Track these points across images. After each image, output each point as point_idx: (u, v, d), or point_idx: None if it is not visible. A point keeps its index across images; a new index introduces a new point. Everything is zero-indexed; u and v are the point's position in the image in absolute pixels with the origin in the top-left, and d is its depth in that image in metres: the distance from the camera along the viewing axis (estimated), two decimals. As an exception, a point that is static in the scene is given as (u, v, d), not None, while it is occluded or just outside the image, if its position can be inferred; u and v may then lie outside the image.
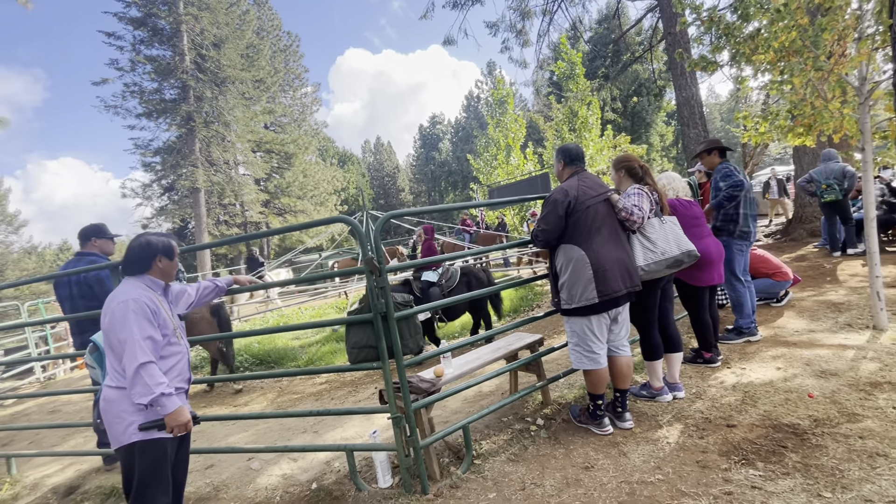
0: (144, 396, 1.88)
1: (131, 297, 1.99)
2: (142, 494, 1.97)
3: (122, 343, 1.92)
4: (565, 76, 17.75)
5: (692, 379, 3.41)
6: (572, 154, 2.94)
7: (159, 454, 2.01)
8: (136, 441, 1.97)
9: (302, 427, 3.80)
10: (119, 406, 1.98)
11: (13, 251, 32.88)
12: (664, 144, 35.16)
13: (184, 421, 1.99)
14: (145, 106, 22.18)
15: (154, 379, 1.90)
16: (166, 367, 2.06)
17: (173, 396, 1.97)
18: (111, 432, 2.00)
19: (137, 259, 2.13)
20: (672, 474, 2.31)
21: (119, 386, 1.98)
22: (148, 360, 1.91)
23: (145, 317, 1.98)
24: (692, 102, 9.10)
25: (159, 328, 2.05)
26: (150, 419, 1.96)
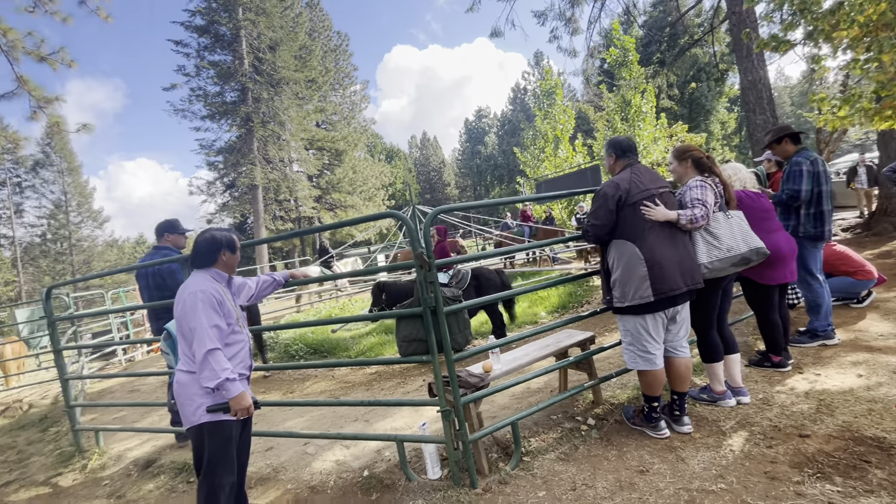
0: (211, 381, 2.03)
1: (200, 289, 2.14)
2: (211, 472, 2.13)
3: (192, 331, 2.07)
4: (617, 63, 16.98)
5: (758, 384, 3.19)
6: (623, 146, 2.81)
7: (225, 435, 2.16)
8: (204, 422, 2.12)
9: (353, 415, 3.93)
10: (190, 389, 2.14)
11: (98, 244, 36.34)
12: (726, 132, 32.94)
13: (246, 405, 2.12)
14: (209, 108, 23.66)
15: (220, 364, 2.04)
16: (230, 353, 2.20)
17: (237, 381, 2.10)
18: (183, 413, 2.17)
19: (204, 253, 2.28)
20: (736, 484, 2.18)
21: (190, 370, 2.14)
22: (215, 347, 2.05)
23: (212, 307, 2.13)
24: (759, 86, 8.44)
25: (224, 317, 2.19)
26: (217, 402, 2.10)
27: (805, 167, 3.52)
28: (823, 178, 3.55)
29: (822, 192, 3.56)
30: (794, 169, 3.57)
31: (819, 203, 3.56)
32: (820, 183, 3.54)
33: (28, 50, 11.09)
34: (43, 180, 33.96)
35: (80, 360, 6.46)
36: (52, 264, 33.36)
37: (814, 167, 3.52)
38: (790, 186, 3.56)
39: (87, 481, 3.58)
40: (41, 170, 33.80)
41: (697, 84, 28.82)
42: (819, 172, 3.53)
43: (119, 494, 3.25)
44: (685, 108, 30.33)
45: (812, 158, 3.55)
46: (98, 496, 3.29)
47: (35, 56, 11.28)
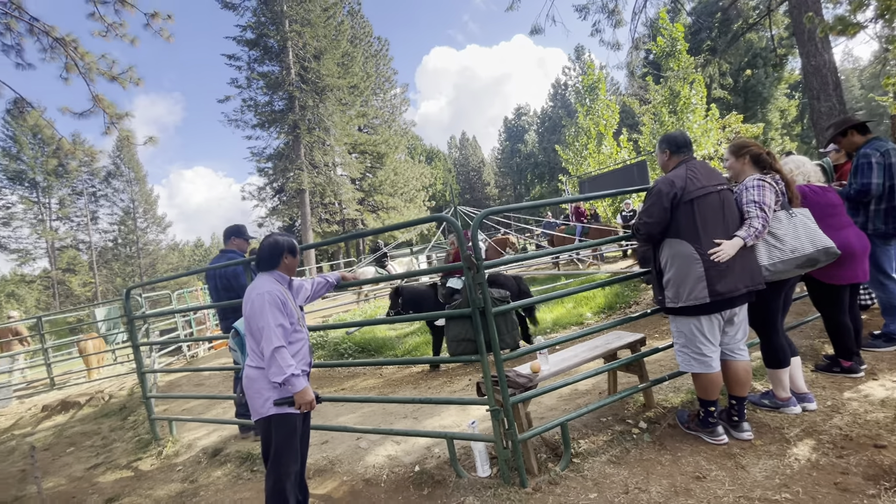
0: (278, 376, 2.18)
1: (266, 290, 2.30)
2: (278, 461, 2.29)
3: (261, 329, 2.23)
4: (665, 54, 16.33)
5: (826, 390, 3.00)
6: (678, 141, 2.73)
7: (290, 427, 2.32)
8: (272, 414, 2.28)
9: (402, 413, 4.05)
10: (258, 384, 2.30)
11: (162, 248, 39.14)
12: (786, 121, 30.79)
13: (309, 399, 2.27)
14: (259, 117, 24.91)
15: (286, 361, 2.20)
16: (293, 351, 2.35)
17: (301, 377, 2.25)
18: (252, 406, 2.34)
19: (268, 257, 2.45)
20: (803, 494, 2.08)
21: (258, 366, 2.30)
22: (281, 345, 2.21)
23: (277, 307, 2.28)
24: (824, 71, 7.85)
25: (288, 317, 2.34)
26: (283, 396, 2.25)
27: (875, 159, 3.26)
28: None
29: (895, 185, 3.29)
30: (863, 161, 3.32)
31: (891, 198, 3.29)
32: (892, 176, 3.27)
33: (101, 71, 12.15)
34: (114, 189, 36.99)
35: (151, 356, 7.02)
36: (123, 267, 36.26)
37: (885, 159, 3.26)
38: (859, 181, 3.32)
39: (162, 466, 3.91)
40: (112, 180, 36.83)
41: (753, 71, 27.10)
42: (892, 164, 3.26)
43: (192, 479, 3.53)
44: (739, 97, 28.63)
45: (884, 149, 3.28)
46: (173, 480, 3.59)
47: (107, 76, 12.34)
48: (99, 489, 3.70)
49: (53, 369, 8.45)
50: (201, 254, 52.57)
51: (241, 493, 3.16)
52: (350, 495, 2.83)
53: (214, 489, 3.28)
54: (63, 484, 3.95)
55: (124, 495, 3.48)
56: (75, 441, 5.11)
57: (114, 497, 3.47)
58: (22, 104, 11.97)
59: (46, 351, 8.43)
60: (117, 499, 3.43)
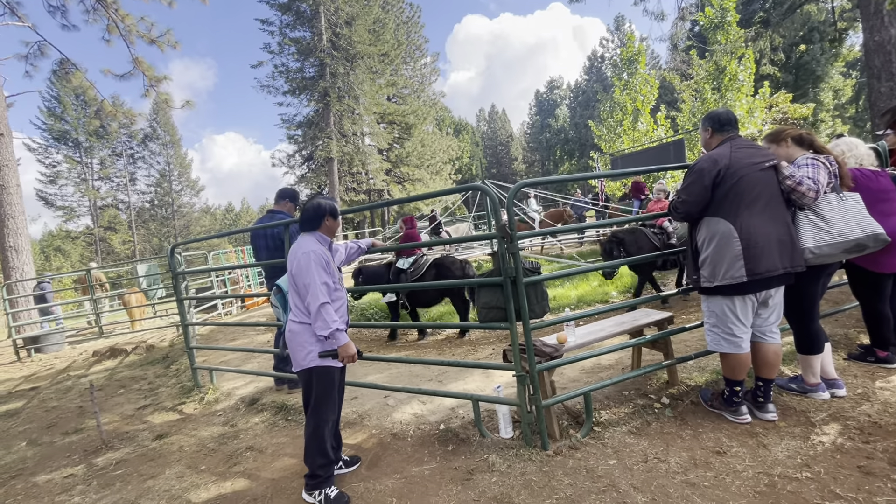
0: (324, 330, 2.32)
1: (312, 249, 2.41)
2: (318, 409, 2.46)
3: (307, 287, 2.35)
4: (713, 26, 15.41)
5: (858, 378, 2.97)
6: (722, 119, 2.67)
7: (331, 379, 2.47)
8: (314, 366, 2.43)
9: (428, 376, 4.22)
10: (302, 337, 2.44)
11: (195, 210, 40.44)
12: (839, 102, 28.83)
13: (352, 353, 2.40)
14: (290, 84, 25.00)
15: (331, 316, 2.33)
16: (334, 308, 2.46)
17: (344, 332, 2.39)
18: (294, 357, 2.50)
19: (311, 218, 2.55)
20: (824, 475, 2.11)
21: (302, 321, 2.44)
22: (326, 301, 2.33)
23: (322, 266, 2.40)
24: (888, 47, 7.32)
25: (330, 276, 2.46)
26: (327, 349, 2.39)
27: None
28: None
29: None
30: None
31: None
32: None
33: (141, 33, 12.37)
34: (151, 152, 38.18)
35: (190, 311, 7.43)
36: (159, 227, 37.79)
37: None
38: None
39: (205, 411, 4.21)
40: (150, 142, 37.96)
41: (808, 46, 25.26)
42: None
43: (231, 424, 3.80)
44: (790, 75, 26.86)
45: None
46: (215, 423, 3.88)
47: (146, 39, 12.56)
48: (149, 426, 4.03)
49: (101, 319, 9.05)
50: (232, 218, 54.12)
51: (277, 437, 3.40)
52: (378, 446, 3.01)
53: (253, 433, 3.54)
54: (116, 420, 4.31)
55: (172, 433, 3.79)
56: (125, 384, 5.53)
57: (163, 434, 3.78)
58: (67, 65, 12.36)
59: (95, 302, 9.01)
60: (166, 436, 3.74)
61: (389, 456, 2.88)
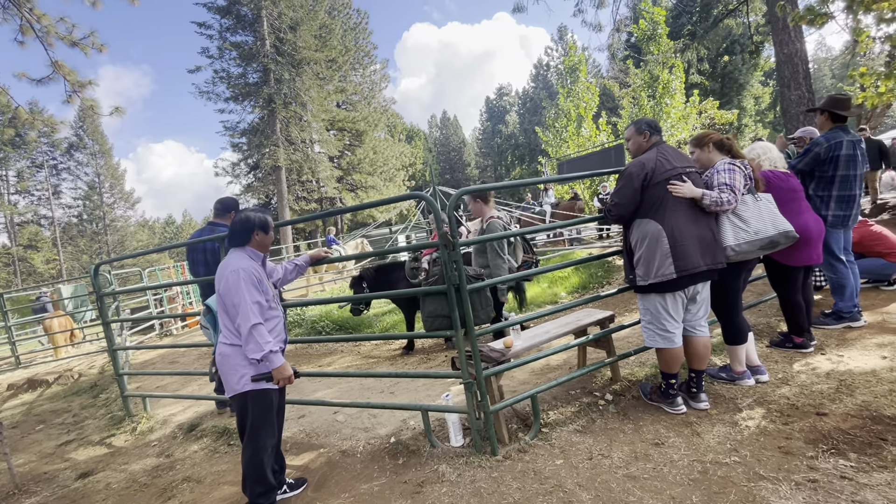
0: (257, 353, 2.19)
1: (241, 267, 2.28)
2: (254, 435, 2.33)
3: (236, 306, 2.22)
4: (646, 37, 16.40)
5: (778, 364, 3.21)
6: (649, 126, 2.82)
7: (267, 402, 2.35)
8: (248, 390, 2.30)
9: (379, 388, 4.13)
10: (233, 360, 2.30)
11: (130, 224, 37.77)
12: (759, 108, 31.50)
13: (287, 374, 2.29)
14: (232, 90, 24.00)
15: (263, 338, 2.20)
16: (268, 328, 2.34)
17: (279, 353, 2.27)
18: (226, 382, 2.35)
19: (240, 232, 2.42)
20: (750, 458, 2.25)
21: (233, 343, 2.30)
22: (258, 322, 2.20)
23: (253, 284, 2.27)
24: (795, 60, 8.07)
25: (263, 294, 2.34)
26: (261, 372, 2.27)
27: (817, 150, 3.47)
28: (852, 163, 3.44)
29: (850, 176, 3.46)
30: (809, 146, 3.57)
31: (844, 187, 3.47)
32: (849, 167, 3.44)
33: (60, 35, 11.43)
34: (77, 163, 35.31)
35: (122, 334, 6.88)
36: (89, 244, 34.92)
37: (828, 153, 3.44)
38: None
39: (137, 442, 3.90)
40: (75, 152, 35.09)
41: (730, 57, 27.45)
42: (839, 156, 3.43)
43: (167, 454, 3.54)
44: (717, 83, 29.05)
45: (835, 141, 3.44)
46: (149, 455, 3.59)
47: (67, 41, 11.61)
48: (72, 464, 3.67)
49: (18, 348, 8.20)
50: (172, 231, 51.06)
51: (217, 465, 3.20)
52: (326, 465, 2.90)
53: (191, 463, 3.31)
54: (34, 460, 3.90)
55: (99, 470, 3.47)
56: (45, 419, 5.02)
57: (88, 472, 3.46)
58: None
59: (10, 329, 8.15)
60: (92, 473, 3.42)
61: (338, 474, 2.78)
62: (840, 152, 3.42)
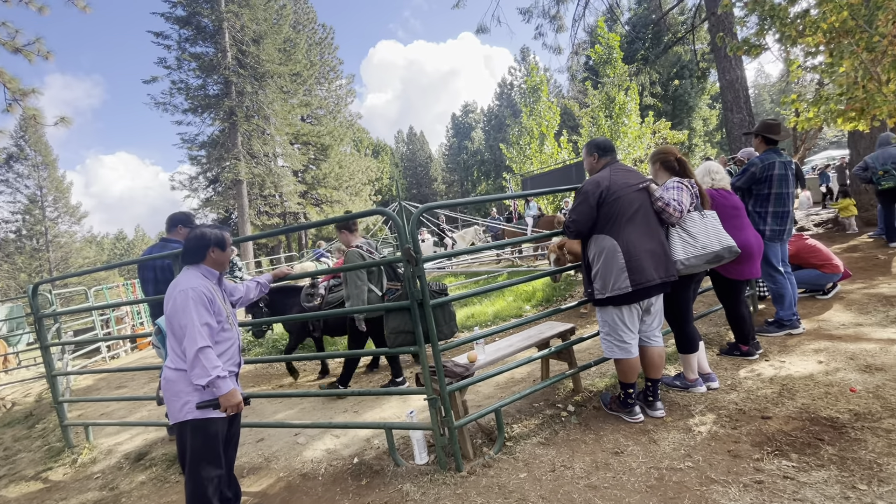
0: (202, 378, 2.07)
1: (191, 286, 2.17)
2: (196, 467, 2.18)
3: (183, 328, 2.10)
4: (602, 61, 17.25)
5: (727, 371, 3.38)
6: (603, 146, 2.96)
7: (211, 432, 2.20)
8: (190, 419, 2.16)
9: (343, 407, 4.03)
10: (177, 386, 2.17)
11: (76, 240, 35.46)
12: (707, 129, 33.57)
13: (236, 402, 2.18)
14: (191, 102, 23.27)
15: (211, 362, 2.09)
16: (219, 351, 2.24)
17: (227, 379, 2.15)
18: (169, 409, 2.21)
19: (194, 249, 2.32)
20: (702, 462, 2.35)
21: (178, 367, 2.17)
22: (206, 345, 2.09)
23: (203, 304, 2.16)
24: (736, 86, 8.71)
25: (215, 315, 2.23)
26: (206, 399, 2.15)
27: (753, 170, 3.76)
28: (784, 182, 3.72)
29: (782, 193, 3.74)
30: (746, 167, 3.85)
31: (778, 203, 3.74)
32: (780, 185, 3.72)
33: (2, 41, 10.79)
34: (17, 174, 32.95)
35: (63, 358, 6.41)
36: (28, 261, 32.47)
37: (762, 172, 3.72)
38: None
39: (78, 475, 3.62)
40: (15, 164, 32.79)
41: (680, 81, 29.28)
42: (773, 175, 3.71)
43: (111, 486, 3.30)
44: (669, 105, 30.82)
45: (768, 161, 3.72)
46: (90, 489, 3.34)
47: (9, 47, 10.96)
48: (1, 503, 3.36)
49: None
50: (123, 247, 48.40)
51: (167, 496, 3.01)
52: (286, 490, 2.79)
53: (137, 495, 3.10)
54: (-45, 501, 3.54)
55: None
56: (-30, 454, 4.58)
57: (18, 511, 3.17)
58: None
59: (-68, 355, 7.43)
60: (23, 513, 3.14)
61: (298, 500, 2.68)
62: (773, 172, 3.70)
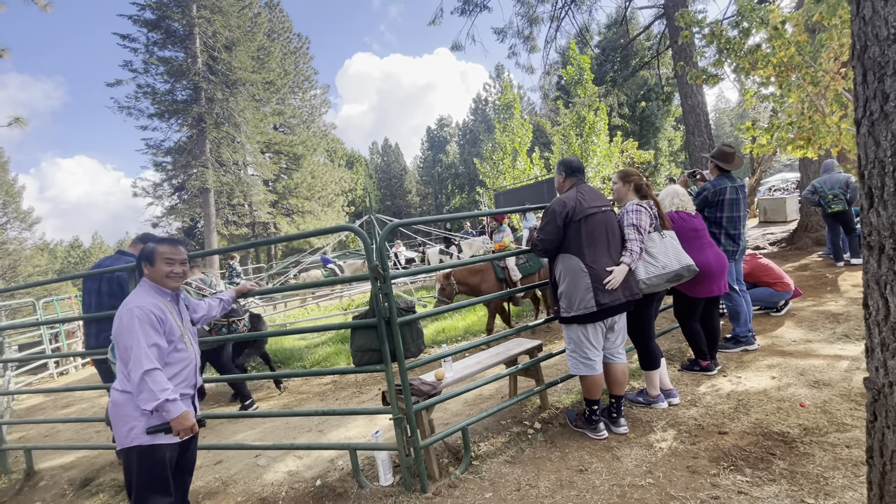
0: (150, 402, 1.96)
1: (137, 305, 2.06)
2: (141, 496, 2.05)
3: (128, 349, 1.99)
4: (573, 81, 17.82)
5: (688, 386, 3.48)
6: (572, 166, 3.03)
7: (157, 459, 2.07)
8: (136, 445, 2.04)
9: (307, 426, 3.92)
10: (124, 409, 2.05)
11: (26, 248, 33.42)
12: (672, 149, 35.03)
13: (188, 425, 2.06)
14: (157, 107, 22.53)
15: (159, 385, 1.97)
16: (172, 372, 2.13)
17: (178, 402, 2.04)
18: (116, 434, 2.09)
19: (138, 265, 2.25)
20: (662, 478, 2.39)
21: (125, 390, 2.05)
22: (153, 367, 1.97)
23: (150, 324, 2.05)
24: (697, 111, 9.15)
25: (165, 335, 2.11)
26: (155, 423, 2.03)
27: (705, 193, 3.93)
28: (735, 206, 3.89)
29: (734, 216, 3.91)
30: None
31: (731, 226, 3.92)
32: (732, 208, 3.90)
33: (-50, 35, 10.20)
34: (-37, 177, 30.97)
35: (5, 375, 5.98)
36: (-28, 268, 30.37)
37: (714, 197, 3.89)
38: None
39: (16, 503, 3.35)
40: (-38, 165, 30.84)
41: (647, 103, 30.52)
42: (725, 200, 3.88)
43: (52, 516, 3.07)
44: (636, 126, 32.04)
45: (720, 186, 3.89)
46: (27, 519, 3.10)
47: (-41, 43, 10.40)
48: (-78, 538, 3.07)
49: None
50: (78, 255, 46.02)
51: (114, 526, 2.83)
52: (244, 517, 2.67)
53: (81, 525, 2.90)
54: None
55: (-42, 543, 2.93)
56: None
57: (-57, 546, 2.90)
58: None
59: None
60: (-52, 548, 2.88)
61: (256, 526, 2.57)
62: (725, 197, 3.88)
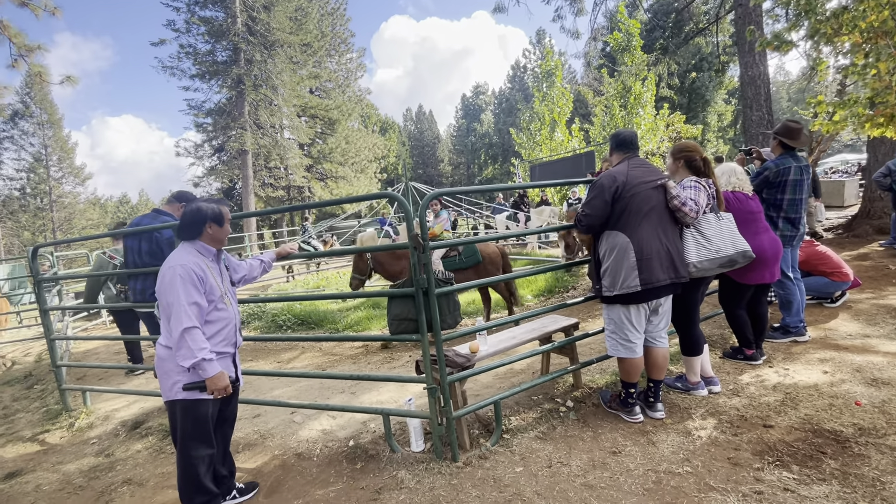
0: (187, 360, 2.03)
1: (179, 263, 2.11)
2: (186, 446, 2.18)
3: (170, 306, 2.05)
4: (620, 48, 16.78)
5: (730, 375, 3.34)
6: (624, 139, 2.85)
7: (200, 414, 2.18)
8: (179, 399, 2.14)
9: (339, 388, 4.03)
10: (167, 364, 2.14)
11: (80, 201, 35.44)
12: (721, 125, 33.00)
13: (223, 385, 2.13)
14: (199, 67, 22.91)
15: (197, 344, 2.03)
16: (212, 331, 2.19)
17: (214, 362, 2.10)
18: (162, 386, 2.20)
19: (189, 225, 2.24)
20: (701, 468, 2.32)
21: (168, 345, 2.13)
22: (192, 325, 2.03)
23: (192, 283, 2.10)
24: (758, 82, 8.46)
25: (206, 294, 2.16)
26: (193, 381, 2.11)
27: (766, 173, 3.63)
28: (798, 188, 3.60)
29: (796, 199, 3.62)
30: (760, 170, 3.71)
31: (791, 209, 3.64)
32: (795, 190, 3.61)
33: (8, -7, 10.53)
34: (22, 132, 32.73)
35: (64, 320, 6.43)
36: (32, 220, 32.55)
37: (776, 177, 3.60)
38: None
39: (74, 439, 3.64)
40: (20, 121, 32.51)
41: (698, 74, 28.62)
42: (786, 181, 3.58)
43: (108, 453, 3.32)
44: (685, 98, 30.23)
45: (783, 166, 3.59)
46: (86, 454, 3.36)
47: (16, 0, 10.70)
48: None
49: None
50: (127, 211, 48.44)
51: (162, 467, 3.02)
52: (280, 469, 2.80)
53: (133, 463, 3.11)
54: (-47, 458, 3.57)
55: (28, 470, 3.21)
56: (-31, 411, 4.62)
57: (16, 471, 3.19)
58: None
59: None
60: (20, 473, 3.16)
61: (292, 479, 2.68)
62: (788, 177, 3.58)
